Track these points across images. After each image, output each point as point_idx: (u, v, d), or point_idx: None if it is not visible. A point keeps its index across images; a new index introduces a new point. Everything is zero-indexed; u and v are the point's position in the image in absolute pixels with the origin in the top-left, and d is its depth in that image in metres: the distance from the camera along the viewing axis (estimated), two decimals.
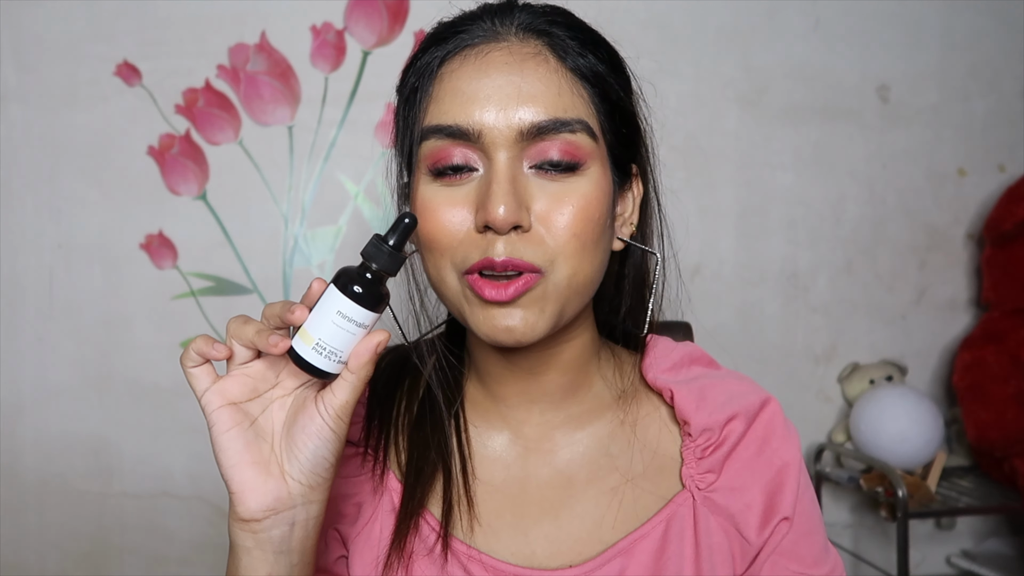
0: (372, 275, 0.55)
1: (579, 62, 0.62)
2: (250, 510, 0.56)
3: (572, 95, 0.60)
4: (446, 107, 0.60)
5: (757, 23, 1.58)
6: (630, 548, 0.64)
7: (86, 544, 1.46)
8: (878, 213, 1.64)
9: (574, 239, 0.59)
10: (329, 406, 0.56)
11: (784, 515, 0.65)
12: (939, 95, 1.64)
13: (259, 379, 0.59)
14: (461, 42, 0.62)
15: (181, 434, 1.45)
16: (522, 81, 0.59)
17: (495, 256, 0.58)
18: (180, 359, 0.58)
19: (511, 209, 0.57)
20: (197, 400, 0.57)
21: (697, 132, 1.57)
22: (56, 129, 1.44)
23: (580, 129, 0.60)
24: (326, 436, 0.57)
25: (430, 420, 0.69)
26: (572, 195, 0.59)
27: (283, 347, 0.54)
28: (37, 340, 1.45)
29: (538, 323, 0.60)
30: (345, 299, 0.54)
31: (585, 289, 0.62)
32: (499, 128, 0.58)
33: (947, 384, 1.65)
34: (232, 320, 0.58)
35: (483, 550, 0.65)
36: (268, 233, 1.48)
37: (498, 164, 0.59)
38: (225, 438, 0.56)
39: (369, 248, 0.55)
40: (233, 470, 0.56)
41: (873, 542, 1.64)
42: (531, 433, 0.69)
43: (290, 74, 1.47)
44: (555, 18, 0.63)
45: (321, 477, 0.58)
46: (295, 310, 0.54)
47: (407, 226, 0.55)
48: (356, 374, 0.56)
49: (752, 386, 0.70)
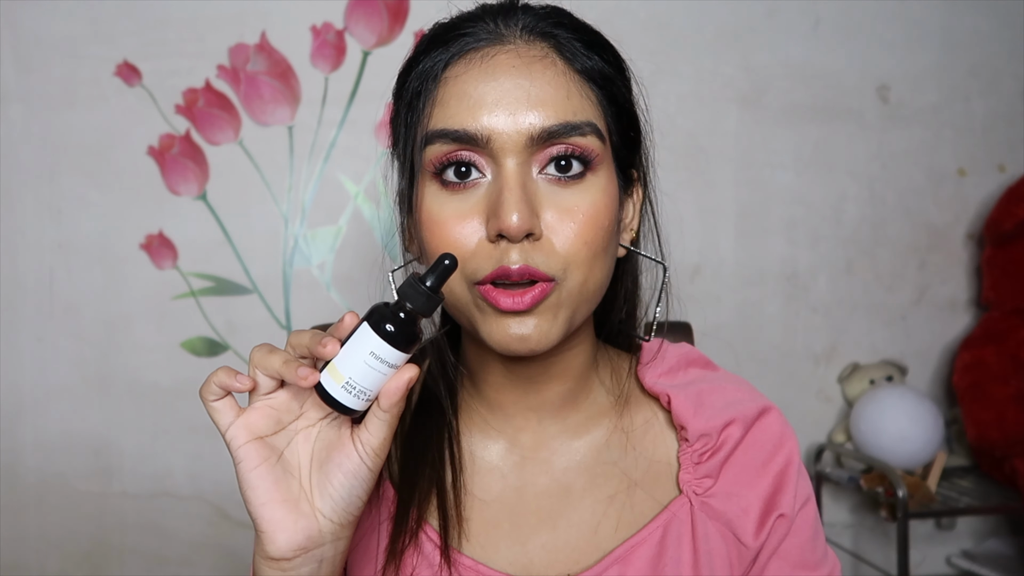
0: (407, 315, 0.53)
1: (586, 64, 0.61)
2: (280, 550, 0.54)
3: (581, 97, 0.59)
4: (452, 111, 0.59)
5: (757, 23, 1.58)
6: (627, 555, 0.64)
7: (86, 544, 1.46)
8: (878, 213, 1.64)
9: (585, 247, 0.58)
10: (368, 446, 0.55)
11: (781, 511, 0.65)
12: (939, 95, 1.64)
13: (283, 410, 0.57)
14: (465, 44, 0.60)
15: (181, 434, 1.45)
16: (531, 85, 0.58)
17: (511, 264, 0.56)
18: (200, 392, 0.55)
19: (524, 217, 0.56)
20: (221, 435, 0.55)
21: (697, 132, 1.57)
22: (56, 129, 1.44)
23: (590, 132, 0.59)
24: (363, 476, 0.55)
25: (424, 431, 0.68)
26: (583, 203, 0.58)
27: (313, 381, 0.52)
28: (37, 340, 1.45)
29: (551, 331, 0.59)
30: (379, 340, 0.52)
31: (594, 296, 0.62)
32: (508, 133, 0.57)
33: (947, 384, 1.65)
34: (256, 349, 0.55)
35: (480, 560, 0.65)
36: (268, 233, 1.48)
37: (508, 170, 0.57)
38: (254, 475, 0.54)
39: (405, 288, 0.53)
40: (263, 508, 0.54)
41: (873, 542, 1.64)
42: (528, 442, 0.68)
43: (290, 74, 1.47)
44: (558, 19, 0.62)
45: (353, 515, 0.57)
46: (327, 344, 0.52)
47: (446, 268, 0.53)
48: (389, 412, 0.54)
49: (751, 393, 0.70)
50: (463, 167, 0.59)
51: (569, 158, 0.59)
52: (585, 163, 0.59)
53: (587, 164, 0.59)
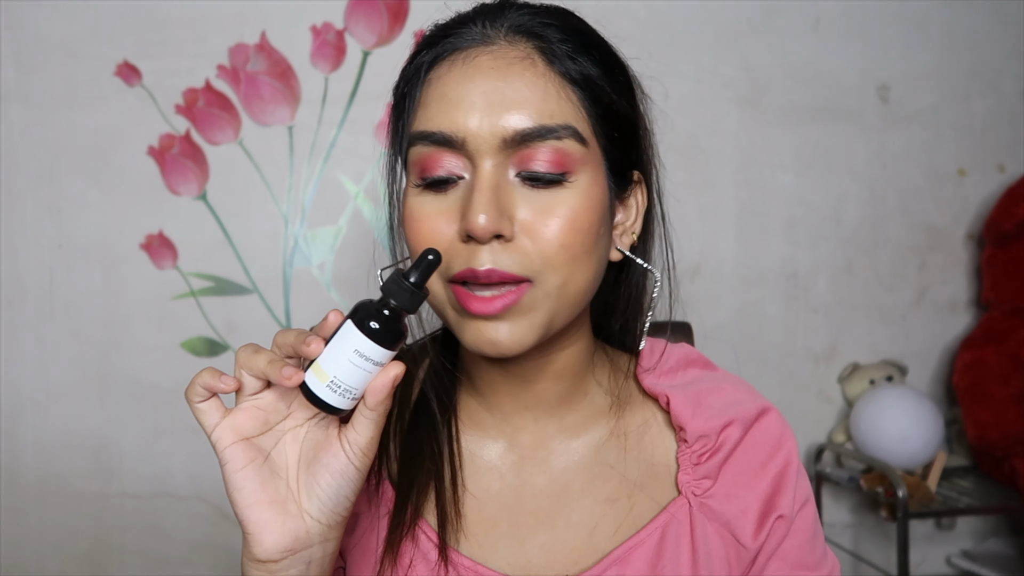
0: (391, 312, 0.52)
1: (568, 66, 0.60)
2: (267, 551, 0.54)
3: (559, 99, 0.59)
4: (432, 113, 0.59)
5: (757, 23, 1.58)
6: (626, 556, 0.64)
7: (86, 544, 1.46)
8: (878, 213, 1.64)
9: (563, 250, 0.58)
10: (355, 445, 0.55)
11: (780, 513, 0.65)
12: (939, 95, 1.64)
13: (270, 411, 0.56)
14: (450, 46, 0.61)
15: (181, 434, 1.45)
16: (506, 87, 0.58)
17: (478, 266, 0.56)
18: (185, 393, 0.55)
19: (492, 218, 0.56)
20: (207, 436, 0.55)
21: (697, 132, 1.57)
22: (56, 129, 1.44)
23: (567, 135, 0.58)
24: (350, 475, 0.55)
25: (422, 428, 0.68)
26: (559, 206, 0.58)
27: (297, 380, 0.52)
28: (37, 340, 1.45)
29: (525, 336, 0.59)
30: (363, 337, 0.51)
31: (577, 300, 0.61)
32: (483, 135, 0.57)
33: (947, 384, 1.65)
34: (241, 349, 0.55)
35: (478, 560, 0.65)
36: (268, 233, 1.48)
37: (481, 172, 0.57)
38: (239, 476, 0.54)
39: (389, 284, 0.52)
40: (249, 510, 0.54)
41: (873, 542, 1.64)
42: (526, 441, 0.68)
43: (290, 74, 1.47)
44: (549, 19, 0.61)
45: (341, 516, 0.56)
46: (311, 343, 0.52)
47: (430, 263, 0.53)
48: (376, 410, 0.54)
49: (750, 394, 0.70)
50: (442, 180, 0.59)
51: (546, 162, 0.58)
52: (563, 167, 0.58)
53: (565, 168, 0.58)
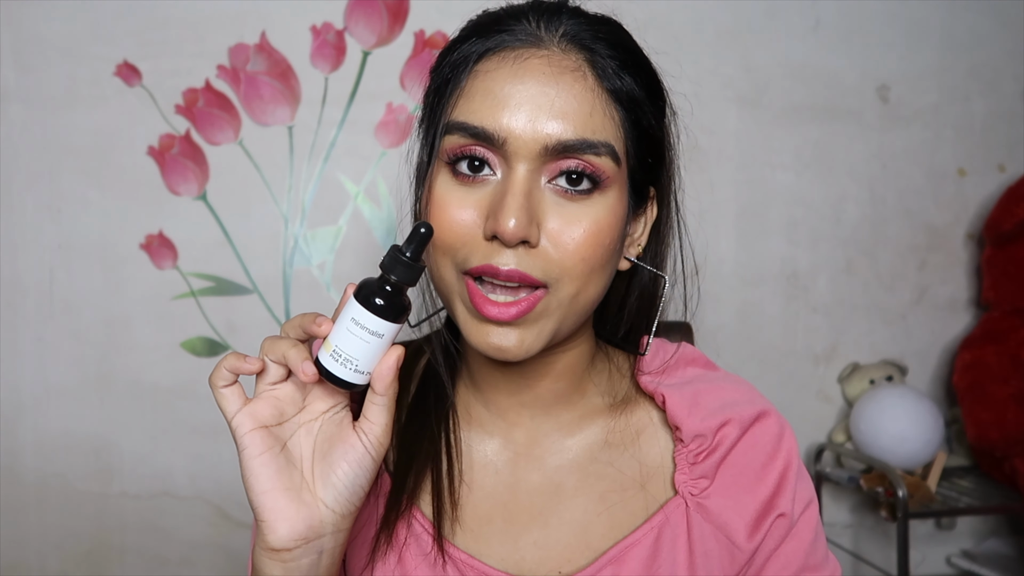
0: (391, 286, 0.55)
1: (616, 84, 0.60)
2: (281, 539, 0.55)
3: (604, 116, 0.59)
4: (476, 106, 0.59)
5: (757, 23, 1.58)
6: (621, 556, 0.64)
7: (86, 544, 1.46)
8: (878, 213, 1.63)
9: (582, 263, 0.58)
10: (371, 434, 0.56)
11: (780, 511, 0.65)
12: (939, 95, 1.64)
13: (287, 402, 0.58)
14: (502, 41, 0.60)
15: (181, 434, 1.45)
16: (556, 95, 0.58)
17: (500, 265, 0.57)
18: (210, 379, 0.57)
19: (522, 224, 0.56)
20: (227, 422, 0.56)
21: (697, 132, 1.56)
22: (56, 129, 1.44)
23: (605, 153, 0.59)
24: (367, 464, 0.56)
25: (420, 419, 0.69)
26: (585, 219, 0.58)
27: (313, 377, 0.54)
28: (37, 340, 1.45)
29: (533, 344, 0.59)
30: (359, 307, 0.54)
31: (585, 309, 0.62)
32: (524, 139, 0.57)
33: (947, 384, 1.65)
34: (266, 339, 0.57)
35: (472, 554, 0.65)
36: (268, 233, 1.48)
37: (516, 175, 0.58)
38: (257, 463, 0.55)
39: (387, 259, 0.55)
40: (264, 496, 0.55)
41: (873, 542, 1.64)
42: (521, 438, 0.68)
43: (290, 74, 1.47)
44: (600, 33, 0.61)
45: (354, 505, 0.57)
46: (321, 322, 0.54)
47: (423, 236, 0.54)
48: (384, 395, 0.55)
49: (749, 394, 0.69)
50: (476, 161, 0.59)
51: (580, 174, 0.58)
52: (595, 182, 0.59)
53: (596, 183, 0.59)
